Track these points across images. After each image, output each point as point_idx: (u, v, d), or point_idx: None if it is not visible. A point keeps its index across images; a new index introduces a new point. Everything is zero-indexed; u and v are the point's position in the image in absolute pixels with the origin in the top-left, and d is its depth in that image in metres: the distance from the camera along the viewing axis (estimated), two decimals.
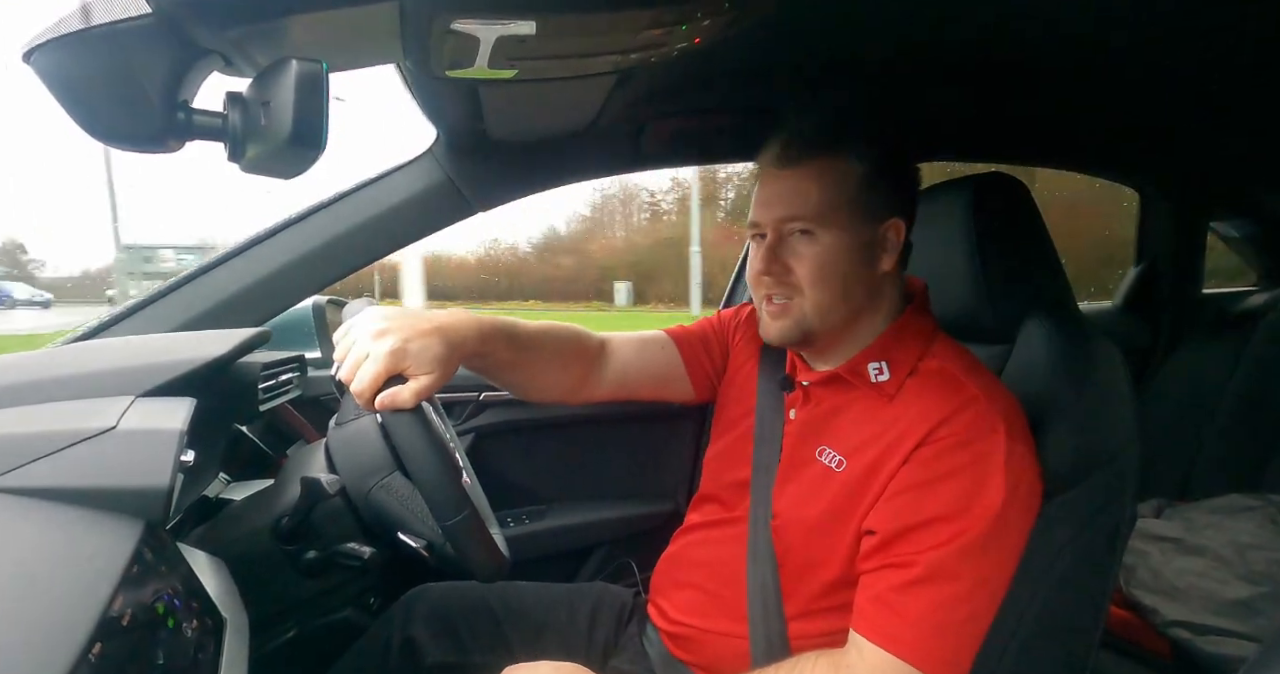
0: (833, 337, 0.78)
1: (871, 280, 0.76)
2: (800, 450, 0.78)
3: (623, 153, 1.18)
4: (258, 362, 0.89)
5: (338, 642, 0.88)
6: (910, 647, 0.63)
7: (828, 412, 0.78)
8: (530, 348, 0.85)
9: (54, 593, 0.41)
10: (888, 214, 0.75)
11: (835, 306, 0.75)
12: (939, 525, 0.65)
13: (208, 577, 0.65)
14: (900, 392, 0.74)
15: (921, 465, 0.67)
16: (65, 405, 0.59)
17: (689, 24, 0.68)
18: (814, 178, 0.74)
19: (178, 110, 0.51)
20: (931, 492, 0.66)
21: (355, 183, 1.07)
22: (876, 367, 0.75)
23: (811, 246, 0.74)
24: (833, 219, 0.73)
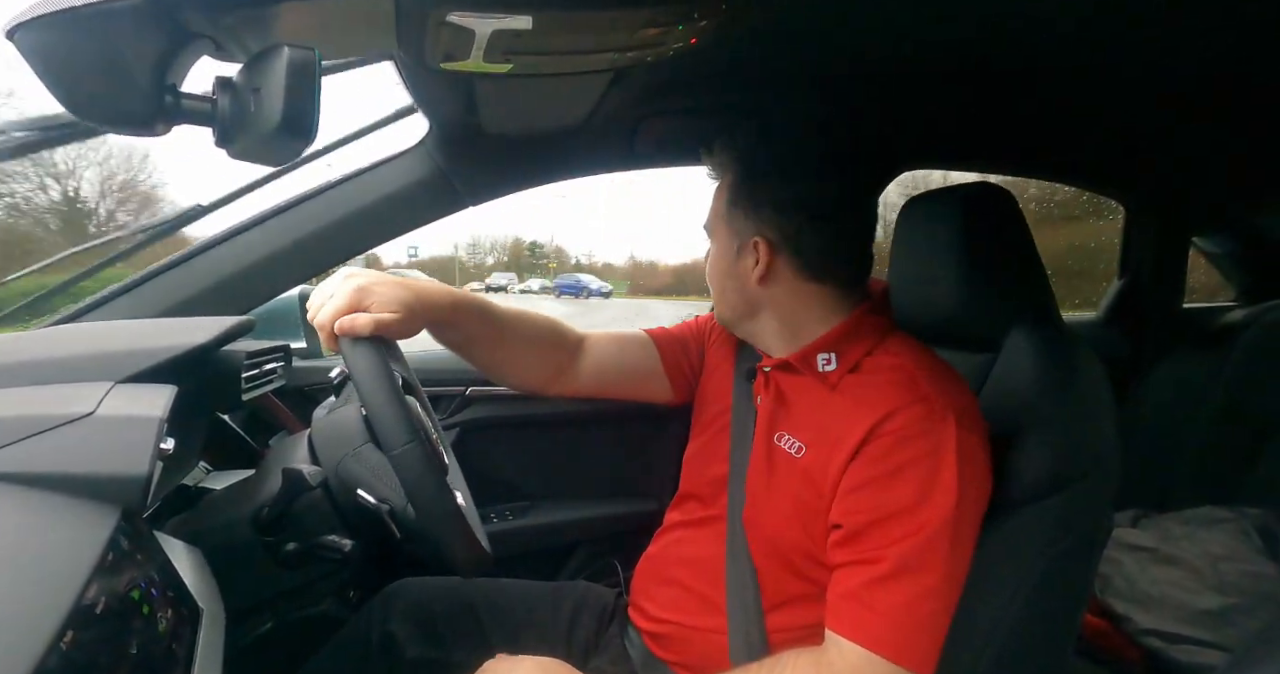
0: (742, 330, 0.87)
1: (743, 287, 0.82)
2: (766, 439, 0.81)
3: (616, 151, 1.18)
4: (241, 350, 0.88)
5: (316, 634, 0.88)
6: (887, 642, 0.64)
7: (783, 398, 0.82)
8: (504, 328, 0.88)
9: (26, 579, 0.40)
10: (751, 233, 0.80)
11: (720, 304, 0.86)
12: (901, 519, 0.66)
13: (185, 566, 0.64)
14: (842, 382, 0.76)
15: (873, 461, 0.68)
16: (42, 390, 0.58)
17: (686, 24, 0.69)
18: (715, 192, 0.85)
19: (166, 93, 0.51)
20: (888, 486, 0.67)
21: (346, 172, 1.06)
22: (825, 357, 0.79)
23: (709, 252, 0.86)
24: (714, 230, 0.84)
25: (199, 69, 0.56)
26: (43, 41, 0.44)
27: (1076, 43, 0.87)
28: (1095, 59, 0.92)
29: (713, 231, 0.85)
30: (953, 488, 0.65)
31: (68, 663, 0.38)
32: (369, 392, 0.63)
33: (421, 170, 1.07)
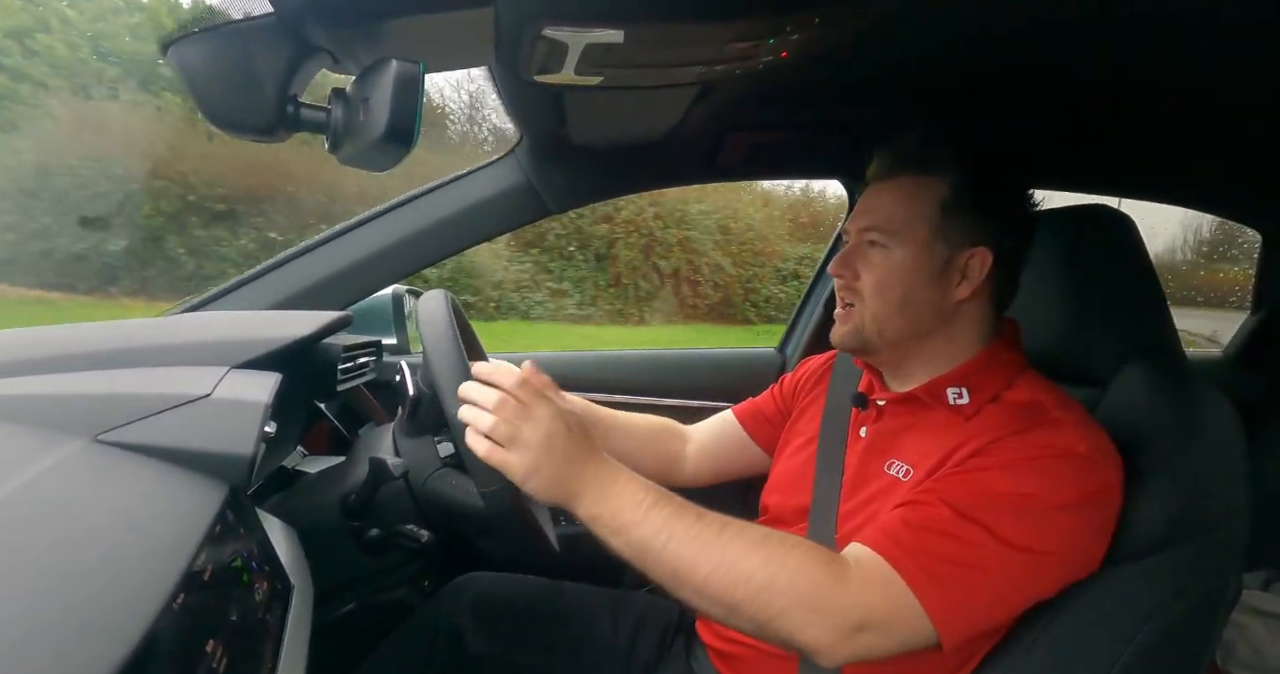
0: (897, 353, 0.77)
1: (940, 304, 0.74)
2: (868, 466, 0.77)
3: (699, 163, 1.18)
4: (339, 344, 0.94)
5: (392, 619, 0.91)
6: (913, 568, 0.59)
7: (900, 428, 0.77)
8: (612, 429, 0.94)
9: (147, 542, 0.44)
10: (971, 242, 0.72)
11: (892, 320, 0.74)
12: (992, 501, 0.61)
13: (280, 543, 0.69)
14: (979, 414, 0.71)
15: (984, 454, 0.64)
16: (170, 371, 0.64)
17: (777, 38, 0.68)
18: (898, 192, 0.74)
19: (288, 103, 0.55)
20: (988, 473, 0.63)
21: (441, 179, 1.11)
22: (955, 391, 0.73)
23: (882, 257, 0.74)
24: (908, 234, 0.73)
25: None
26: (191, 57, 0.49)
27: (1209, 59, 0.81)
28: (1231, 75, 0.85)
29: (901, 237, 0.73)
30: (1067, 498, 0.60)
31: (177, 623, 0.42)
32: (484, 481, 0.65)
33: (510, 179, 1.12)
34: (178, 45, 0.48)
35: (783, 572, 0.58)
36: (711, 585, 0.58)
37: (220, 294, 1.02)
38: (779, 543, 0.60)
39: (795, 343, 1.58)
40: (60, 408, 0.53)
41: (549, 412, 0.63)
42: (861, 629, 0.58)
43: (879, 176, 0.77)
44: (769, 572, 0.58)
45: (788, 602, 0.58)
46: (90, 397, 0.54)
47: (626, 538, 0.61)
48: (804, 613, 0.58)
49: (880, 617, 0.58)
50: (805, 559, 0.59)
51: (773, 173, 1.36)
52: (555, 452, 0.62)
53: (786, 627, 0.58)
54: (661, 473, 0.97)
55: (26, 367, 0.60)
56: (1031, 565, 0.60)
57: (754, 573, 0.58)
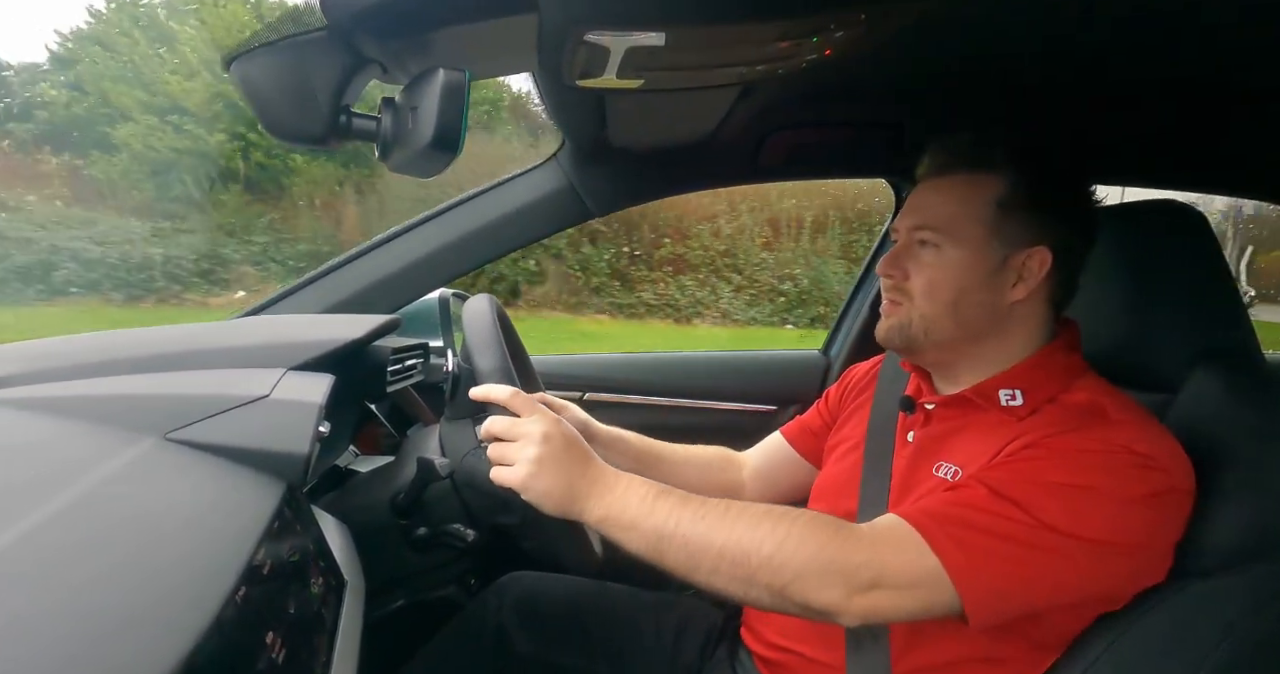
0: (945, 354, 0.75)
1: (994, 306, 0.71)
2: (916, 470, 0.75)
3: (741, 164, 1.17)
4: (388, 346, 0.96)
5: (439, 616, 0.93)
6: (937, 532, 0.58)
7: (949, 430, 0.75)
8: (663, 461, 0.96)
9: (212, 536, 0.46)
10: (1029, 241, 0.70)
11: (942, 322, 0.72)
12: (1039, 486, 0.59)
13: (334, 539, 0.71)
14: (1034, 414, 0.69)
15: (1036, 446, 0.62)
16: (232, 373, 0.66)
17: (821, 36, 0.67)
18: (951, 191, 0.73)
19: (341, 113, 0.57)
20: (1038, 463, 0.61)
21: (485, 185, 1.13)
22: (1008, 393, 0.71)
23: (934, 257, 0.72)
24: (960, 235, 0.71)
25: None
26: (251, 72, 0.51)
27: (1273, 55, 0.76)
28: None
29: (954, 236, 0.71)
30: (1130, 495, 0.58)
31: (240, 614, 0.44)
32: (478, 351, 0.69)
33: (552, 183, 1.13)
34: (240, 61, 0.50)
35: (790, 537, 0.59)
36: (726, 561, 0.60)
37: (278, 298, 1.07)
38: (784, 514, 0.62)
39: (840, 345, 1.56)
40: (134, 407, 0.56)
41: (539, 425, 0.65)
42: (874, 586, 0.58)
43: (931, 174, 0.75)
44: (776, 538, 0.59)
45: (799, 565, 0.58)
46: (160, 397, 0.57)
47: (640, 530, 0.62)
48: (816, 575, 0.58)
49: (895, 574, 0.58)
50: (811, 524, 0.61)
51: (816, 172, 1.33)
52: (548, 463, 0.64)
53: (801, 590, 0.58)
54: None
55: (103, 368, 0.64)
56: (1078, 553, 0.58)
57: (763, 541, 0.59)
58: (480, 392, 0.70)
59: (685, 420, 1.38)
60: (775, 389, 1.52)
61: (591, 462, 0.66)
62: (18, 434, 0.51)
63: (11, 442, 0.49)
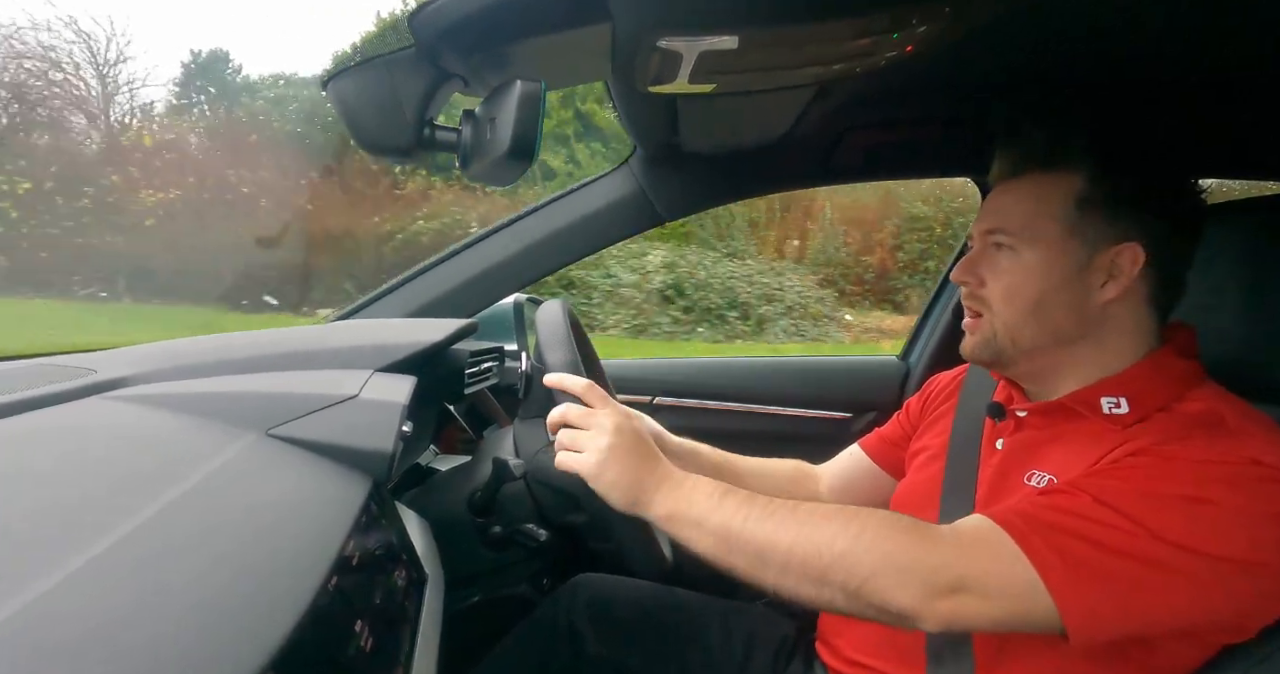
0: (1036, 362, 0.71)
1: (1082, 308, 0.67)
2: (1006, 480, 0.71)
3: (814, 166, 1.15)
4: (466, 349, 1.00)
5: (513, 613, 0.96)
6: (1032, 536, 0.54)
7: (1044, 438, 0.70)
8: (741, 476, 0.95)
9: (308, 527, 0.49)
10: (1115, 238, 0.66)
11: (1026, 328, 0.69)
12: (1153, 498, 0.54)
13: (416, 535, 0.74)
14: (1142, 422, 0.64)
15: (1145, 454, 0.58)
16: (325, 373, 0.70)
17: (902, 32, 0.65)
18: (1025, 192, 0.70)
19: (425, 126, 0.60)
20: (1148, 471, 0.56)
21: (559, 192, 1.16)
22: (1112, 401, 0.66)
23: (1010, 261, 0.70)
24: (1038, 234, 0.68)
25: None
26: (345, 90, 0.54)
27: None
28: None
29: (1029, 238, 0.68)
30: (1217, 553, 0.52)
31: (332, 602, 0.46)
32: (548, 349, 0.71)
33: (624, 189, 1.14)
34: (335, 80, 0.54)
35: (864, 533, 0.57)
36: (796, 558, 0.58)
37: (366, 304, 1.12)
38: (856, 511, 0.60)
39: (920, 351, 1.50)
40: (240, 405, 0.60)
41: (612, 417, 0.67)
42: (958, 590, 0.54)
43: (1004, 176, 0.72)
44: (850, 534, 0.57)
45: (875, 562, 0.56)
46: (263, 395, 0.61)
47: (706, 527, 0.62)
48: (893, 574, 0.55)
49: (980, 578, 0.54)
50: (886, 520, 0.58)
51: (895, 173, 1.29)
52: (619, 453, 0.65)
53: (877, 590, 0.55)
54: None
55: (214, 368, 0.69)
56: (1196, 571, 0.52)
57: (834, 537, 0.57)
58: (554, 378, 0.72)
59: (757, 426, 1.36)
60: (851, 395, 1.48)
61: (659, 459, 0.67)
62: (140, 428, 0.55)
63: (134, 435, 0.54)
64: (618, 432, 0.66)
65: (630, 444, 0.66)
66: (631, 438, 0.66)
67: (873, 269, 7.72)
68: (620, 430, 0.66)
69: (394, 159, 0.63)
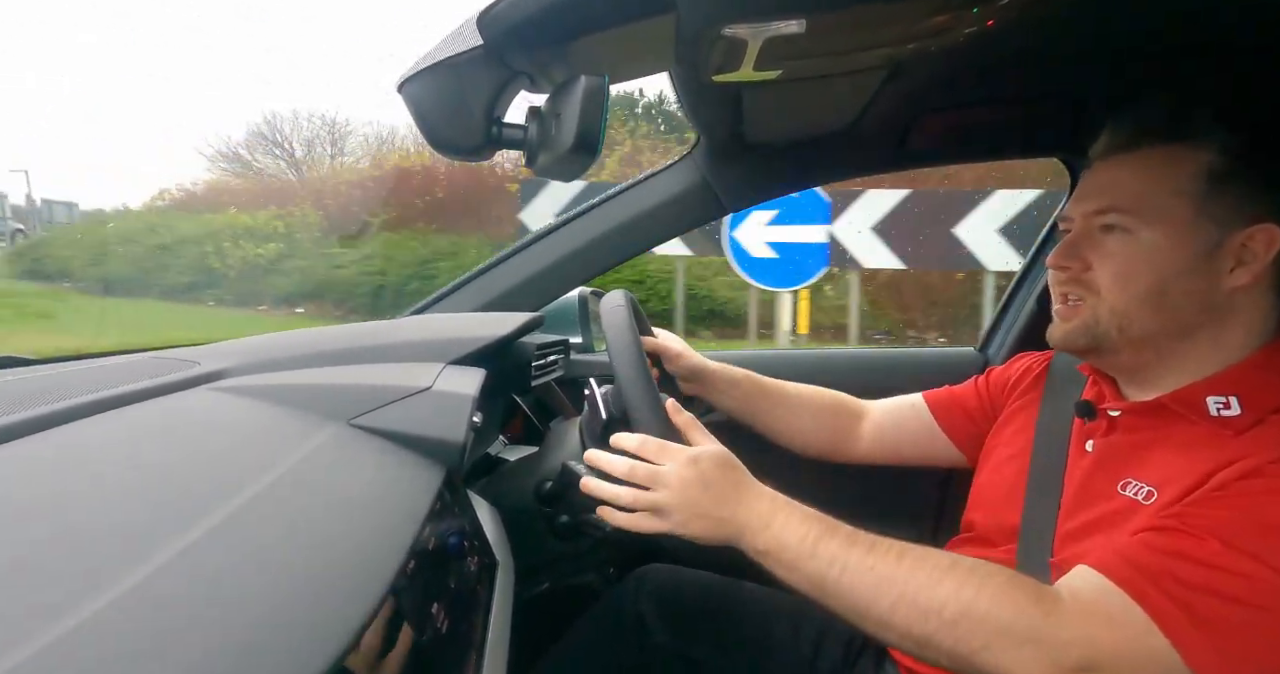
0: (1143, 354, 0.65)
1: (1207, 295, 0.61)
2: (1096, 485, 0.66)
3: (885, 151, 1.11)
4: (532, 342, 1.02)
5: (580, 602, 0.97)
6: (1161, 599, 0.50)
7: (1140, 442, 0.65)
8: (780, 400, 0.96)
9: (387, 513, 0.51)
10: (1251, 218, 0.60)
11: (1139, 316, 0.63)
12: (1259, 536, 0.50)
13: (486, 523, 0.76)
14: (1257, 426, 0.58)
15: (1261, 476, 0.53)
16: (401, 366, 0.73)
17: (982, 6, 0.62)
18: (1143, 165, 0.63)
19: (494, 125, 0.61)
20: (1269, 497, 0.51)
21: (624, 184, 1.16)
22: (1219, 401, 0.60)
23: (1124, 244, 0.63)
24: (1160, 213, 0.62)
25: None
26: (417, 91, 0.56)
27: None
28: None
29: (1150, 218, 0.62)
30: None
31: (410, 585, 0.48)
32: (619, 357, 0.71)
33: (688, 180, 1.13)
34: (408, 83, 0.55)
35: (979, 600, 0.52)
36: (899, 618, 0.54)
37: (437, 299, 1.16)
38: (970, 570, 0.55)
39: (1000, 342, 1.42)
40: (325, 396, 0.63)
41: (681, 465, 0.63)
42: (1088, 669, 0.50)
43: (1115, 150, 0.66)
44: (963, 600, 0.53)
45: (991, 633, 0.52)
46: (345, 387, 0.65)
47: (801, 573, 0.59)
48: (1013, 646, 0.51)
49: (1111, 656, 0.50)
50: (1005, 586, 0.53)
51: (976, 155, 1.23)
52: (699, 501, 0.62)
53: (992, 662, 0.52)
54: (831, 448, 0.97)
55: (302, 360, 0.73)
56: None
57: (946, 602, 0.53)
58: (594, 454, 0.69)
59: None
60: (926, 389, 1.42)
61: (739, 496, 0.63)
62: (236, 417, 0.59)
63: (231, 424, 0.58)
64: (684, 486, 0.62)
65: (710, 492, 0.62)
66: (710, 485, 0.63)
67: None
68: (686, 484, 0.62)
69: (464, 157, 0.65)
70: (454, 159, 0.66)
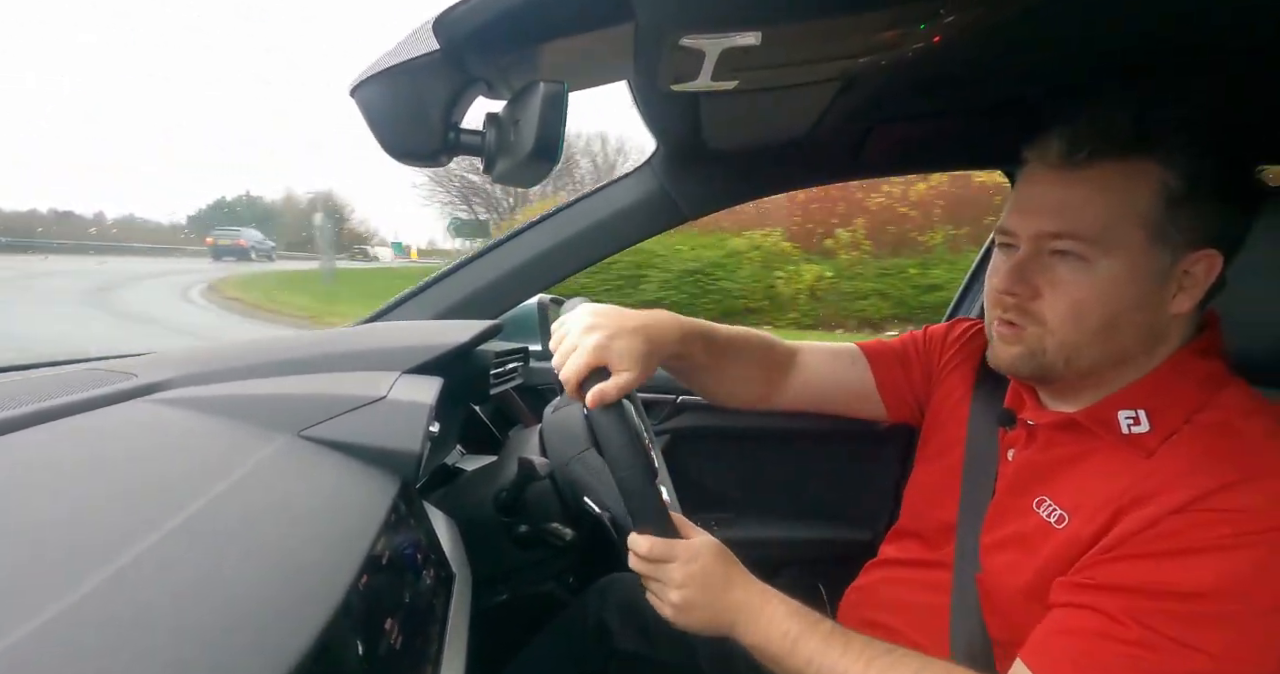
0: (1080, 379, 0.65)
1: (1153, 322, 0.60)
2: (1015, 498, 0.67)
3: (841, 161, 1.13)
4: (491, 350, 1.00)
5: (541, 612, 0.96)
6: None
7: (1056, 460, 0.65)
8: (724, 353, 0.86)
9: (339, 526, 0.50)
10: (1200, 243, 0.58)
11: (1087, 349, 0.61)
12: (1165, 598, 0.51)
13: (443, 534, 0.75)
14: (1163, 447, 0.58)
15: (1175, 534, 0.53)
16: (354, 375, 0.72)
17: (929, 22, 0.64)
18: (1105, 186, 0.59)
19: (450, 131, 0.60)
20: (1184, 562, 0.52)
21: (581, 193, 1.16)
22: (1130, 416, 0.60)
23: (1078, 274, 0.59)
24: (1118, 242, 0.58)
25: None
26: (370, 97, 0.55)
27: None
28: None
29: (1107, 246, 0.58)
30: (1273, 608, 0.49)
31: (363, 600, 0.47)
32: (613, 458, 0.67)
33: (646, 188, 1.14)
34: (361, 87, 0.54)
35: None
36: None
37: (392, 306, 1.14)
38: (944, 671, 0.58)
39: None
40: (272, 407, 0.61)
41: (684, 562, 0.66)
42: None
43: (1067, 163, 0.60)
44: None
45: None
46: (294, 397, 0.63)
47: (782, 668, 0.62)
48: None
49: None
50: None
51: (926, 166, 1.27)
52: (699, 596, 0.65)
53: None
54: (758, 399, 0.92)
55: (247, 371, 0.71)
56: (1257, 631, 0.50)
57: None
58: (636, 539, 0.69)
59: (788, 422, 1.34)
60: None
61: (733, 589, 0.66)
62: (178, 431, 0.57)
63: (172, 437, 0.55)
64: (687, 581, 0.65)
65: (698, 590, 0.65)
66: (699, 584, 0.65)
67: None
68: (689, 580, 0.65)
69: (420, 164, 0.64)
70: (410, 165, 0.65)
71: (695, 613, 0.65)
